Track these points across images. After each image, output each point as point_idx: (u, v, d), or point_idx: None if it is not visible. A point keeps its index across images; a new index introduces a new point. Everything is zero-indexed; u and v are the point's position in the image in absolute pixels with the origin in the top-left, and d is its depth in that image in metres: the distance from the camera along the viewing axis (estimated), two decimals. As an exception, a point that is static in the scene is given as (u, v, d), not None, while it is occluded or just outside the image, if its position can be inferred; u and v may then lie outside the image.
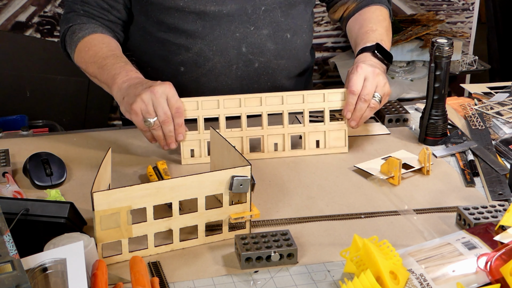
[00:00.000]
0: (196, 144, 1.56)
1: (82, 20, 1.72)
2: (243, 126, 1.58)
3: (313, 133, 1.61)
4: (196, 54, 1.73)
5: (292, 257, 1.23)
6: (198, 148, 1.56)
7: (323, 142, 1.61)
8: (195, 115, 1.56)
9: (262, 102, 1.58)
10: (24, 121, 2.86)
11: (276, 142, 1.60)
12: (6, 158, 1.53)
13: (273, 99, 1.58)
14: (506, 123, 1.75)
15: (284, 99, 1.58)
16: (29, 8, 3.09)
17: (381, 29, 1.75)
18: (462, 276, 1.13)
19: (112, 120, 3.35)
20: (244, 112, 1.57)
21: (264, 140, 1.59)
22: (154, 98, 1.48)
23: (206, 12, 1.69)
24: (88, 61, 1.67)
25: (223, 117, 1.57)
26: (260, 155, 1.59)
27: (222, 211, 1.28)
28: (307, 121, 1.60)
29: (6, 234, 1.09)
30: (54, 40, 3.14)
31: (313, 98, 1.60)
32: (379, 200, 1.44)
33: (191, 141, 1.56)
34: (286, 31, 1.77)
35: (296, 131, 1.61)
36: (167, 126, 1.51)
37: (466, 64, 3.22)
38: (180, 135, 1.53)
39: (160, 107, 1.49)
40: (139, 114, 1.49)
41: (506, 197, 1.44)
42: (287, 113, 1.59)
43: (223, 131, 1.55)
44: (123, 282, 1.18)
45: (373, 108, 1.61)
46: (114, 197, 1.20)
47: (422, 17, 3.29)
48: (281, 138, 1.60)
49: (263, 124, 1.58)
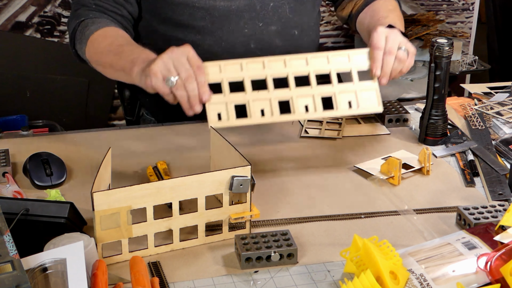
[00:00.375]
0: (222, 108, 1.46)
1: (95, 15, 1.68)
2: (270, 88, 1.49)
3: (344, 93, 1.52)
4: (205, 51, 1.72)
5: (292, 257, 1.23)
6: (225, 112, 1.46)
7: (355, 102, 1.52)
8: (218, 79, 1.47)
9: (287, 63, 1.51)
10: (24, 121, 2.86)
11: (307, 104, 1.50)
12: (6, 158, 1.53)
13: (297, 61, 1.51)
14: (506, 123, 1.75)
15: (308, 60, 1.52)
16: (29, 8, 3.09)
17: (393, 16, 1.73)
18: (462, 276, 1.13)
19: (112, 120, 3.35)
20: (269, 74, 1.49)
21: (294, 102, 1.49)
22: (174, 56, 1.42)
23: (216, 7, 1.69)
24: (103, 50, 1.61)
25: (248, 80, 1.48)
26: (291, 116, 1.50)
27: (222, 211, 1.28)
28: (335, 81, 1.52)
29: (6, 234, 1.09)
30: (54, 40, 3.14)
31: (338, 59, 1.53)
32: (379, 200, 1.44)
33: (217, 105, 1.45)
34: (294, 28, 1.78)
35: (326, 92, 1.51)
36: (190, 83, 1.41)
37: (466, 64, 3.22)
38: (205, 94, 1.43)
39: (181, 64, 1.41)
40: (159, 75, 1.42)
41: (506, 197, 1.44)
42: (313, 74, 1.51)
43: (249, 93, 1.48)
44: (123, 282, 1.18)
45: (402, 61, 1.55)
46: (114, 197, 1.20)
47: (422, 17, 3.29)
48: (311, 99, 1.50)
49: (291, 86, 1.50)
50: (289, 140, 1.69)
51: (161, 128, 1.75)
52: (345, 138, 1.69)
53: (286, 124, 1.76)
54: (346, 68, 1.54)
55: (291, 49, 1.78)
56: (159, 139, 1.69)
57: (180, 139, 1.69)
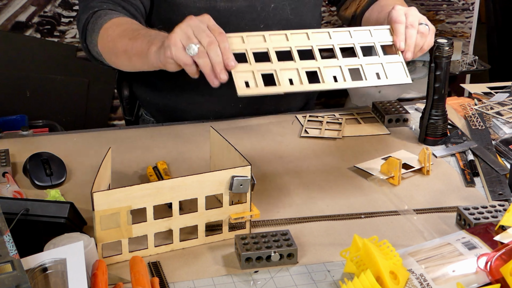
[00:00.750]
0: (249, 76, 1.38)
1: (108, 6, 1.64)
2: (296, 59, 1.44)
3: (370, 65, 1.50)
4: None
5: (292, 257, 1.23)
6: (252, 80, 1.39)
7: (383, 74, 1.49)
8: (242, 49, 1.40)
9: (310, 37, 1.48)
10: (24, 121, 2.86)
11: (335, 75, 1.46)
12: (6, 158, 1.53)
13: (319, 35, 1.49)
14: (506, 123, 1.75)
15: (331, 34, 1.49)
16: (29, 8, 3.09)
17: (400, 3, 1.72)
18: (462, 276, 1.13)
19: (112, 120, 3.36)
20: (293, 46, 1.46)
21: (322, 72, 1.45)
22: (193, 24, 1.34)
23: (216, 8, 1.68)
24: (117, 36, 1.55)
25: (273, 51, 1.44)
26: (321, 85, 1.45)
27: (222, 211, 1.28)
28: (360, 54, 1.50)
29: (6, 234, 1.09)
30: (54, 40, 3.14)
31: (360, 33, 1.52)
32: (379, 200, 1.44)
33: (243, 73, 1.38)
34: (295, 29, 1.77)
35: (352, 63, 1.48)
36: (213, 49, 1.33)
37: (466, 64, 3.23)
38: (230, 60, 1.34)
39: (201, 31, 1.34)
40: (179, 44, 1.34)
41: (506, 197, 1.44)
42: (338, 47, 1.49)
43: (276, 63, 1.42)
44: (123, 282, 1.18)
45: (424, 35, 1.53)
46: (114, 197, 1.19)
47: (422, 17, 3.29)
48: (338, 69, 1.47)
49: (316, 57, 1.46)
50: (289, 140, 1.69)
51: (161, 128, 1.75)
52: (345, 138, 1.69)
53: (286, 124, 1.76)
54: (369, 42, 1.52)
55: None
56: (159, 139, 1.69)
57: (180, 139, 1.69)
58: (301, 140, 1.69)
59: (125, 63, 1.57)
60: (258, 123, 1.77)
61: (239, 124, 1.76)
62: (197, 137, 1.69)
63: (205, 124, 1.74)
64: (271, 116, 1.80)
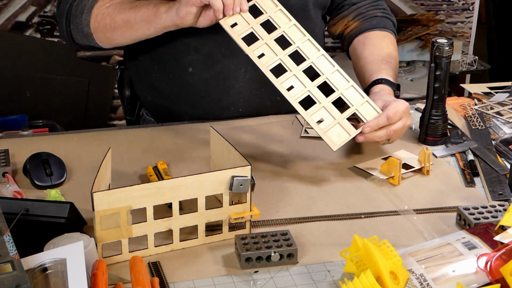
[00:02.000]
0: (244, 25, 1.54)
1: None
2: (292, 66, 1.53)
3: (331, 108, 1.50)
4: (205, 56, 1.72)
5: (292, 257, 1.23)
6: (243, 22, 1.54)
7: (328, 126, 1.49)
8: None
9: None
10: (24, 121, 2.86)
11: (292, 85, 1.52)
12: (6, 158, 1.53)
13: (320, 60, 1.55)
14: (506, 123, 1.75)
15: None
16: (29, 8, 3.09)
17: (394, 62, 1.73)
18: (462, 276, 1.13)
19: (112, 120, 3.36)
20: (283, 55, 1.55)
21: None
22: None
23: None
24: (114, 11, 1.63)
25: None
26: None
27: (222, 211, 1.28)
28: (332, 96, 1.52)
29: (6, 234, 1.09)
30: (54, 40, 3.15)
31: (353, 93, 1.53)
32: (379, 200, 1.44)
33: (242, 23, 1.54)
34: None
35: (317, 94, 1.51)
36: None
37: (466, 64, 3.23)
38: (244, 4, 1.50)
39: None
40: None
41: (506, 197, 1.44)
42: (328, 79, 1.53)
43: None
44: (123, 282, 1.18)
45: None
46: (114, 197, 1.20)
47: (422, 17, 3.29)
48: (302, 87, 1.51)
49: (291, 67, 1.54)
50: (289, 140, 1.69)
51: (161, 128, 1.75)
52: (345, 138, 1.69)
53: (286, 124, 1.76)
54: (350, 103, 1.52)
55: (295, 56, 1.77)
56: (159, 139, 1.69)
57: (180, 139, 1.69)
58: (301, 140, 1.69)
59: (123, 35, 1.63)
60: (258, 123, 1.77)
61: (239, 124, 1.76)
62: (197, 137, 1.69)
63: (205, 124, 1.74)
64: (271, 116, 1.80)
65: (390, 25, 1.83)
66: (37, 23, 3.11)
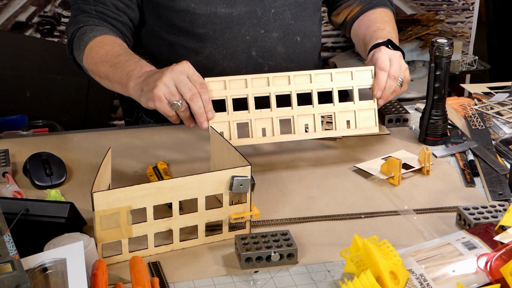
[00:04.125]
0: (225, 127, 1.48)
1: (94, 22, 1.67)
2: (273, 107, 1.52)
3: (343, 113, 1.56)
4: (206, 58, 1.72)
5: (292, 257, 1.23)
6: (227, 131, 1.48)
7: (353, 122, 1.57)
8: (223, 95, 1.48)
9: (291, 81, 1.53)
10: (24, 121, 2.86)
11: (307, 123, 1.55)
12: (6, 158, 1.53)
13: (301, 78, 1.54)
14: (506, 123, 1.75)
15: (312, 77, 1.54)
16: (29, 8, 3.09)
17: (389, 28, 1.74)
18: (462, 276, 1.13)
19: (112, 120, 3.35)
20: (272, 92, 1.52)
21: (295, 121, 1.53)
22: (175, 77, 1.42)
23: (217, 14, 1.68)
24: (99, 60, 1.60)
25: (252, 97, 1.50)
26: (291, 136, 1.54)
27: (222, 211, 1.28)
28: (336, 100, 1.55)
29: (6, 234, 1.09)
30: (54, 40, 3.14)
31: (341, 76, 1.56)
32: (379, 200, 1.44)
33: (220, 123, 1.47)
34: (296, 34, 1.77)
35: (326, 111, 1.55)
36: (196, 102, 1.42)
37: (466, 64, 3.23)
38: (210, 112, 1.44)
39: (184, 85, 1.42)
40: (163, 99, 1.42)
41: (506, 197, 1.44)
42: (316, 92, 1.54)
43: (252, 112, 1.50)
44: (123, 282, 1.18)
45: (396, 92, 1.58)
46: (114, 197, 1.20)
47: (422, 17, 3.29)
48: (311, 118, 1.54)
49: (293, 104, 1.53)
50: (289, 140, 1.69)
51: (161, 128, 1.75)
52: (345, 138, 1.69)
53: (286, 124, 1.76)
54: (348, 86, 1.57)
55: (293, 56, 1.78)
56: (159, 139, 1.69)
57: (180, 139, 1.69)
58: (301, 140, 1.68)
59: (108, 87, 1.62)
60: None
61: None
62: (197, 137, 1.69)
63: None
64: (271, 116, 1.80)
65: (388, 4, 1.85)
66: (37, 23, 3.10)
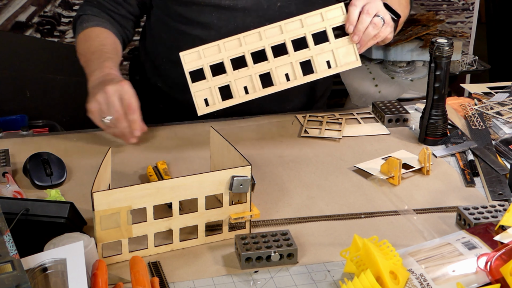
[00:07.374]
0: (207, 93, 1.56)
1: (93, 12, 1.79)
2: (249, 64, 1.56)
3: (321, 54, 1.58)
4: None
5: (292, 257, 1.23)
6: (210, 96, 1.56)
7: (333, 62, 1.58)
8: (199, 65, 1.55)
9: (262, 36, 1.56)
10: (24, 121, 2.86)
11: (287, 72, 1.57)
12: (6, 158, 1.53)
13: (272, 31, 1.56)
14: (506, 123, 1.75)
15: (283, 28, 1.56)
16: (29, 8, 3.09)
17: (395, 2, 1.72)
18: (462, 276, 1.13)
19: (112, 120, 3.35)
20: (247, 50, 1.56)
21: (274, 73, 1.57)
22: (107, 97, 1.54)
23: (222, 5, 1.72)
24: (81, 52, 1.75)
25: (228, 60, 1.56)
26: (274, 88, 1.57)
27: (222, 211, 1.28)
28: (311, 44, 1.57)
29: (6, 234, 1.09)
30: (54, 40, 3.14)
31: (312, 19, 1.57)
32: (379, 200, 1.44)
33: (202, 91, 1.55)
34: None
35: (303, 57, 1.57)
36: (120, 123, 1.55)
37: (466, 64, 3.22)
38: (136, 131, 1.56)
39: (112, 106, 1.54)
40: (96, 114, 1.57)
41: (506, 197, 1.44)
42: (289, 41, 1.57)
43: (230, 73, 1.55)
44: (123, 282, 1.18)
45: (376, 26, 1.57)
46: (114, 197, 1.20)
47: (422, 17, 3.29)
48: (290, 67, 1.57)
49: (269, 57, 1.56)
50: (289, 140, 1.69)
51: (161, 128, 1.75)
52: (345, 138, 1.69)
53: (286, 124, 1.76)
54: (321, 28, 1.58)
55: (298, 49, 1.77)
56: (159, 139, 1.69)
57: (180, 139, 1.69)
58: (301, 140, 1.69)
59: None
60: (258, 123, 1.77)
61: (239, 124, 1.76)
62: (197, 137, 1.69)
63: (205, 124, 1.74)
64: (271, 116, 1.80)
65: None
66: (37, 23, 3.10)
